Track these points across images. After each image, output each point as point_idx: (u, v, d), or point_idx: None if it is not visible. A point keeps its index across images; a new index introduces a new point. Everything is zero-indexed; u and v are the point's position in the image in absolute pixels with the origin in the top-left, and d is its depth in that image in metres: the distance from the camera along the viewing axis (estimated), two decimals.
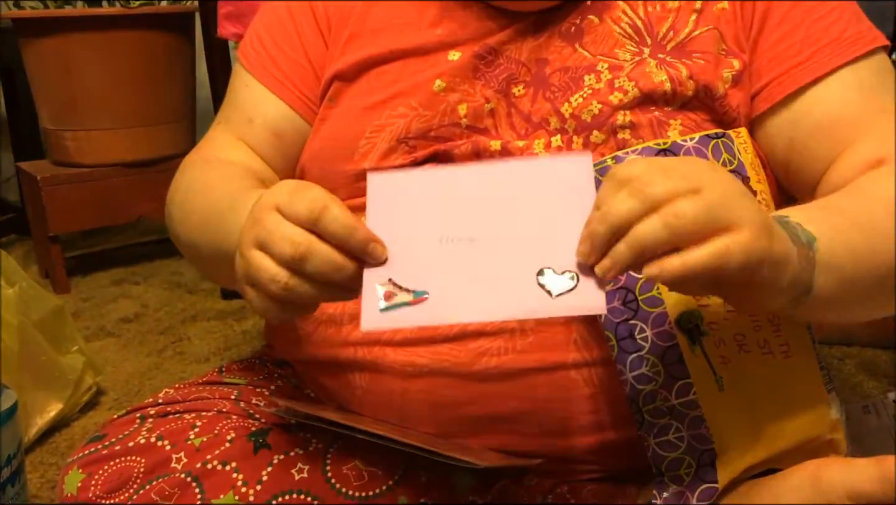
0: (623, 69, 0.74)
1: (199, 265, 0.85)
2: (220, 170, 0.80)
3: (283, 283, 0.55)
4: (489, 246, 0.56)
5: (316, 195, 0.56)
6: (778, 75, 0.75)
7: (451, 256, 0.56)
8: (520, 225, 0.56)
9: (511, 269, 0.55)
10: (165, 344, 1.54)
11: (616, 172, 0.53)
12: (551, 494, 0.73)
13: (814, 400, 0.68)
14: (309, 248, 0.54)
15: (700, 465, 0.65)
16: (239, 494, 0.70)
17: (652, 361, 0.66)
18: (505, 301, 0.55)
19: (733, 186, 0.54)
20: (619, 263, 0.52)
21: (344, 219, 0.55)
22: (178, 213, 0.80)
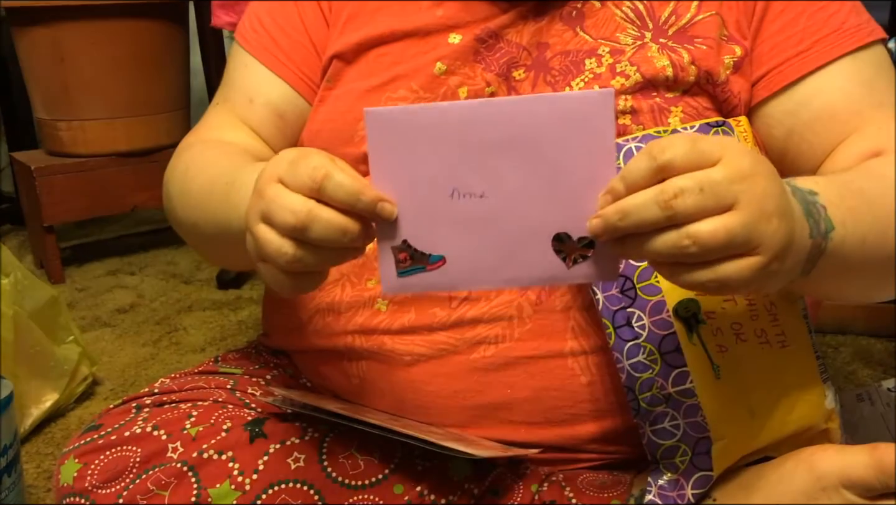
0: (625, 53, 0.74)
1: (201, 247, 0.83)
2: (218, 148, 0.79)
3: (290, 254, 0.54)
4: (501, 204, 0.53)
5: (317, 162, 0.53)
6: (778, 64, 0.75)
7: (464, 216, 0.53)
8: (533, 178, 0.52)
9: (525, 233, 0.53)
10: (161, 334, 1.54)
11: (655, 154, 0.49)
12: (547, 481, 0.73)
13: (809, 389, 0.69)
14: (309, 216, 0.52)
15: (695, 453, 0.66)
16: (235, 483, 0.70)
17: (649, 349, 0.66)
18: (521, 269, 0.54)
19: (767, 201, 0.50)
20: (629, 257, 0.52)
21: (348, 184, 0.52)
22: (176, 194, 0.79)
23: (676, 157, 0.49)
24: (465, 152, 0.52)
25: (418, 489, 0.71)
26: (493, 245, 0.54)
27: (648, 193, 0.49)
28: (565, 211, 0.53)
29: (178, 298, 1.73)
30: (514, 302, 0.71)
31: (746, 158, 0.50)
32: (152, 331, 1.56)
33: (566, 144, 0.51)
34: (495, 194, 0.53)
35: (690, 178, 0.48)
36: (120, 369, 1.40)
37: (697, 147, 0.49)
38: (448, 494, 0.71)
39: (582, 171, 0.52)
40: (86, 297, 1.76)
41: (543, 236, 0.53)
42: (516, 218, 0.53)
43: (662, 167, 0.49)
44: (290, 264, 0.54)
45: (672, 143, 0.49)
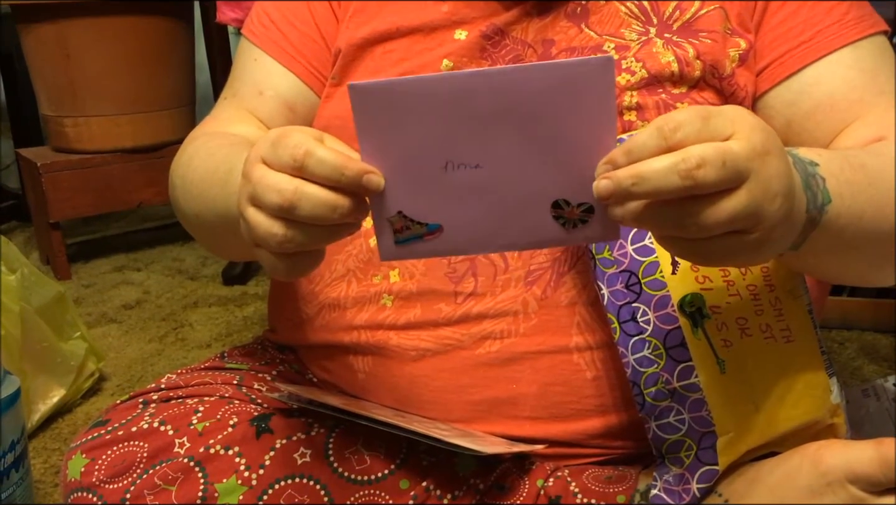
0: (630, 49, 0.74)
1: (205, 237, 0.82)
2: (221, 139, 0.79)
3: (280, 235, 0.52)
4: (498, 174, 0.51)
5: (297, 140, 0.52)
6: (780, 55, 0.75)
7: (459, 186, 0.52)
8: (530, 147, 0.50)
9: (523, 200, 0.52)
10: (167, 330, 1.55)
11: (666, 133, 0.48)
12: (552, 477, 0.73)
13: (814, 384, 0.69)
14: (296, 194, 0.51)
15: (701, 447, 0.66)
16: (241, 478, 0.70)
17: (654, 343, 0.66)
18: (519, 234, 0.53)
19: (775, 180, 0.49)
20: (634, 223, 0.50)
21: (330, 159, 0.50)
22: (180, 185, 0.79)
23: (689, 137, 0.47)
24: (457, 124, 0.50)
25: (424, 484, 0.71)
26: (490, 213, 0.52)
27: (666, 161, 0.47)
28: (564, 178, 0.51)
29: (183, 294, 1.74)
30: (519, 297, 0.71)
31: (758, 134, 0.49)
32: (158, 327, 1.57)
33: (565, 112, 0.49)
34: (491, 164, 0.51)
35: (713, 150, 0.47)
36: (126, 365, 1.40)
37: (710, 125, 0.48)
38: (453, 490, 0.72)
39: (582, 139, 0.50)
40: (92, 293, 1.77)
41: (542, 203, 0.52)
42: (514, 186, 0.51)
43: (673, 147, 0.47)
44: (281, 245, 0.52)
45: (684, 122, 0.47)
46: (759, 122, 0.50)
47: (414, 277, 0.73)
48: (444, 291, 0.72)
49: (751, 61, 0.75)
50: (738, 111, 0.50)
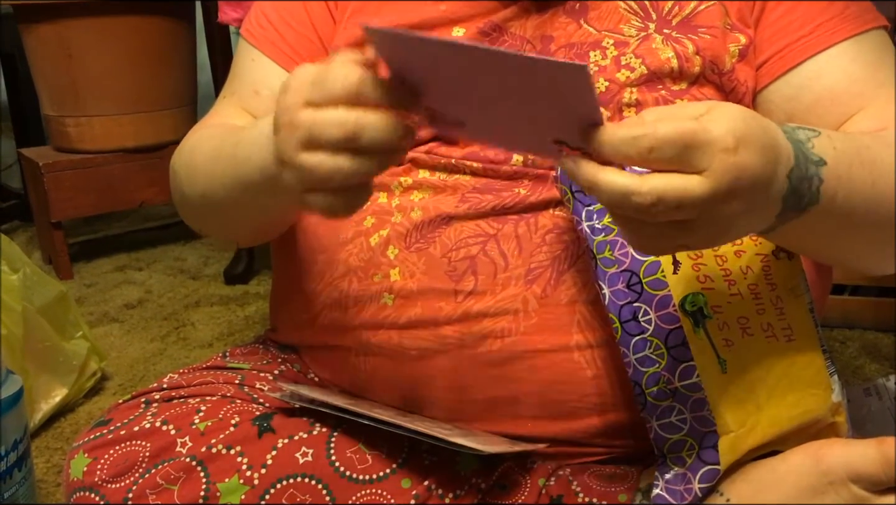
0: (629, 45, 0.74)
1: (211, 219, 0.82)
2: (223, 126, 0.80)
3: (348, 167, 0.52)
4: (493, 123, 0.55)
5: (345, 70, 0.52)
6: (779, 49, 0.75)
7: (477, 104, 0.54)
8: (511, 121, 0.53)
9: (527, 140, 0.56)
10: (169, 330, 1.55)
11: (641, 149, 0.48)
12: (554, 476, 0.73)
13: (816, 384, 0.68)
14: (359, 123, 0.51)
15: (702, 447, 0.66)
16: (244, 477, 0.70)
17: (655, 343, 0.66)
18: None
19: (726, 221, 0.51)
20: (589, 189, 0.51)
21: (381, 80, 0.52)
22: (183, 172, 0.79)
23: (661, 160, 0.48)
24: (452, 86, 0.52)
25: (426, 484, 0.72)
26: (504, 128, 0.55)
27: (625, 183, 0.48)
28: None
29: (185, 294, 1.74)
30: (519, 296, 0.71)
31: (729, 176, 0.49)
32: (160, 326, 1.57)
33: (549, 104, 0.50)
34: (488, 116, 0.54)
35: (673, 192, 0.48)
36: (128, 364, 1.40)
37: (688, 155, 0.48)
38: (455, 489, 0.72)
39: (568, 123, 0.51)
40: (94, 292, 1.77)
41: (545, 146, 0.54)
42: (509, 134, 0.55)
43: (641, 157, 0.48)
44: (348, 178, 0.53)
45: (664, 144, 0.48)
46: (737, 162, 0.49)
47: (414, 276, 0.73)
48: (444, 289, 0.72)
49: (751, 56, 0.75)
50: (722, 142, 0.49)
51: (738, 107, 0.52)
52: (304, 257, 0.81)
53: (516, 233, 0.72)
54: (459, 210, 0.73)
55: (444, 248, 0.73)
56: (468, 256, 0.72)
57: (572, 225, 0.71)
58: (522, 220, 0.72)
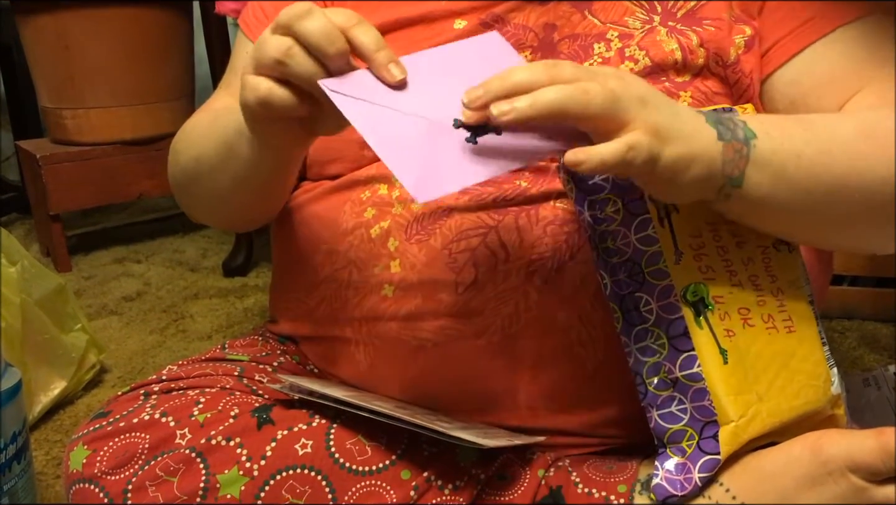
0: (633, 38, 0.74)
1: (204, 190, 0.83)
2: (221, 108, 0.81)
3: (286, 47, 0.58)
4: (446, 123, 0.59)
5: (319, 21, 0.58)
6: (780, 38, 0.75)
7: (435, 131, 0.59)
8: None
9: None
10: (168, 322, 1.55)
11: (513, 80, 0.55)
12: (553, 467, 0.73)
13: (816, 375, 0.69)
14: (302, 12, 0.58)
15: (703, 437, 0.66)
16: (243, 469, 0.70)
17: (656, 333, 0.66)
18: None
19: (643, 90, 0.58)
20: (514, 111, 0.55)
21: (348, 9, 0.60)
22: (181, 146, 0.82)
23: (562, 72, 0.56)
24: (412, 91, 0.60)
25: (425, 475, 0.72)
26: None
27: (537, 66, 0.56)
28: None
29: (184, 286, 1.74)
30: (520, 288, 0.71)
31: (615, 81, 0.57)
32: (159, 318, 1.57)
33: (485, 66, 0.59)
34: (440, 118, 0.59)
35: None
36: (127, 357, 1.40)
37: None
38: (455, 480, 0.72)
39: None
40: (92, 285, 1.77)
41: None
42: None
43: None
44: (284, 54, 0.58)
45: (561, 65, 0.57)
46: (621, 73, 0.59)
47: (415, 268, 0.73)
48: (444, 281, 0.72)
49: (756, 47, 0.75)
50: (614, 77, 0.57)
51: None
52: (303, 249, 0.81)
53: (517, 224, 0.72)
54: (460, 202, 0.73)
55: (445, 239, 0.72)
56: (469, 247, 0.72)
57: (573, 217, 0.71)
58: (523, 211, 0.72)
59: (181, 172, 0.83)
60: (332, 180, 0.80)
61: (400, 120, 0.58)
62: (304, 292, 0.81)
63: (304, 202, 0.82)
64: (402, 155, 0.57)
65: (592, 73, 0.57)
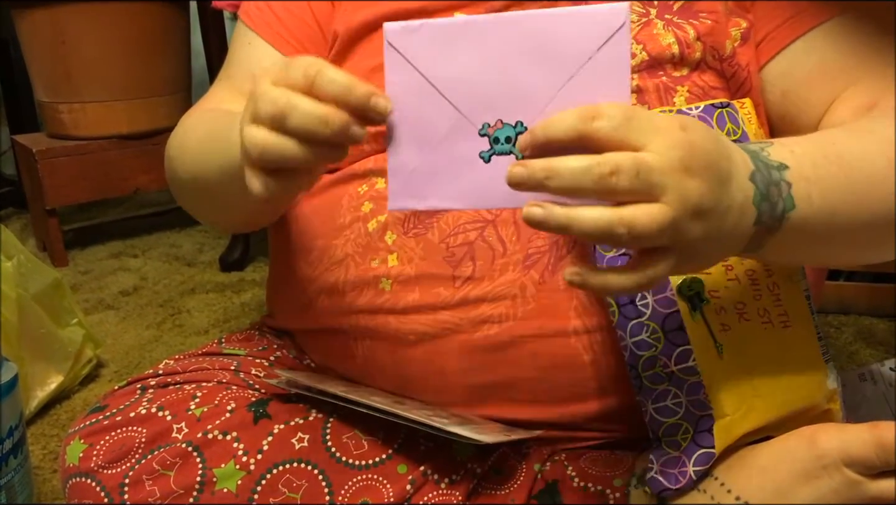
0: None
1: (202, 203, 0.82)
2: (219, 111, 0.80)
3: (261, 141, 0.53)
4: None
5: (311, 60, 0.53)
6: (772, 29, 0.75)
7: (470, 152, 0.53)
8: (547, 98, 0.51)
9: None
10: (164, 316, 1.55)
11: (585, 118, 0.49)
12: (549, 461, 0.73)
13: (811, 370, 0.69)
14: (289, 104, 0.52)
15: (697, 430, 0.66)
16: (240, 463, 0.70)
17: (652, 327, 0.66)
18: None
19: (693, 198, 0.50)
20: (557, 230, 0.50)
21: (341, 78, 0.52)
22: (177, 154, 0.79)
23: (603, 129, 0.48)
24: (478, 80, 0.52)
25: (421, 469, 0.72)
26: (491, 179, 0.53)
27: (583, 161, 0.48)
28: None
29: (181, 281, 1.74)
30: (517, 281, 0.71)
31: (677, 151, 0.49)
32: (156, 313, 1.57)
33: (582, 63, 0.51)
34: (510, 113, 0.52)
35: (628, 159, 0.48)
36: (124, 351, 1.40)
37: (630, 126, 0.48)
38: (451, 474, 0.72)
39: (596, 90, 0.51)
40: (89, 279, 1.77)
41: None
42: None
43: (588, 134, 0.48)
44: (264, 152, 0.53)
45: (605, 112, 0.48)
46: (683, 140, 0.50)
47: (412, 262, 0.73)
48: (442, 275, 0.72)
49: (752, 40, 0.75)
50: (667, 122, 0.50)
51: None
52: (301, 243, 0.81)
53: (514, 218, 0.72)
54: None
55: (442, 233, 0.73)
56: (466, 241, 0.72)
57: None
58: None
59: (178, 184, 0.82)
60: (330, 174, 0.80)
61: (433, 103, 0.53)
62: (301, 287, 0.81)
63: (301, 196, 0.82)
64: (408, 151, 0.54)
65: (652, 185, 0.48)
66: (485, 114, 0.52)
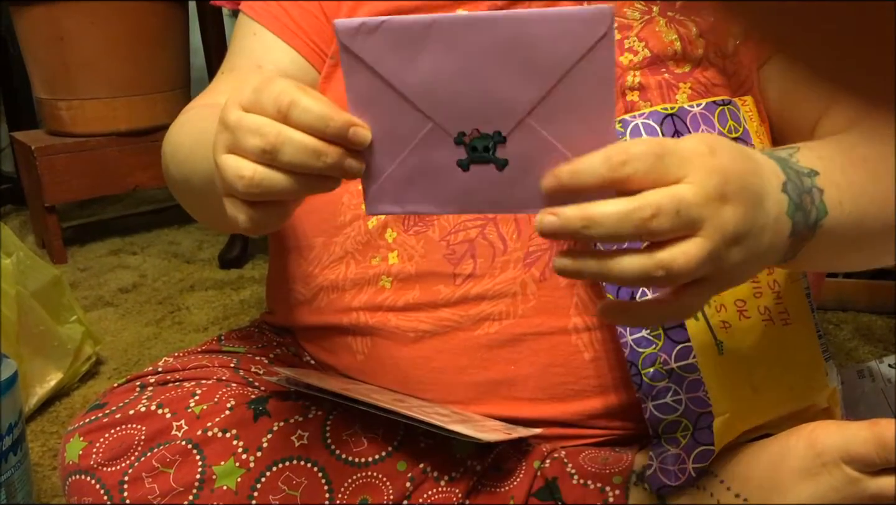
0: (633, 28, 0.74)
1: (195, 205, 0.80)
2: (213, 108, 0.79)
3: (248, 174, 0.49)
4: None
5: (282, 87, 0.49)
6: None
7: (442, 156, 0.49)
8: (525, 102, 0.47)
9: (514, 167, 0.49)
10: (164, 314, 1.55)
11: (614, 164, 0.46)
12: (549, 458, 0.73)
13: (811, 368, 0.69)
14: (279, 137, 0.48)
15: (697, 427, 0.66)
16: (239, 460, 0.70)
17: None
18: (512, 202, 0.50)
19: (731, 226, 0.48)
20: (580, 267, 0.49)
21: (316, 108, 0.48)
22: (170, 151, 0.78)
23: (638, 173, 0.46)
24: (444, 82, 0.47)
25: (421, 466, 0.72)
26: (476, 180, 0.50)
27: (621, 206, 0.46)
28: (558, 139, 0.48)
29: (180, 278, 1.74)
30: (518, 279, 0.71)
31: (714, 178, 0.47)
32: (155, 310, 1.57)
33: (563, 64, 0.46)
34: (481, 120, 0.48)
35: (667, 198, 0.46)
36: (123, 349, 1.40)
37: (663, 163, 0.47)
38: (450, 471, 0.72)
39: (580, 96, 0.47)
40: (88, 276, 1.77)
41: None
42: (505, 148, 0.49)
43: (621, 180, 0.46)
44: (253, 186, 0.50)
45: (634, 156, 0.46)
46: (716, 166, 0.48)
47: (413, 259, 0.73)
48: (442, 272, 0.72)
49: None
50: (696, 149, 0.49)
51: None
52: (301, 240, 0.81)
53: (515, 216, 0.72)
54: None
55: (443, 231, 0.72)
56: (467, 239, 0.72)
57: None
58: None
59: (171, 182, 0.81)
60: None
61: (402, 110, 0.49)
62: (301, 283, 0.81)
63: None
64: (381, 155, 0.50)
65: (692, 221, 0.46)
66: (459, 122, 0.48)
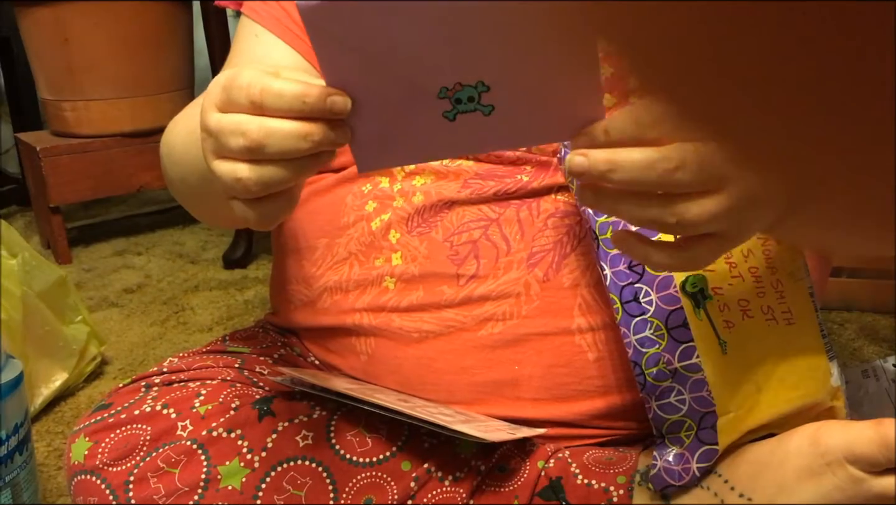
0: None
1: (193, 204, 0.80)
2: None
3: (245, 178, 0.49)
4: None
5: (250, 78, 0.48)
6: None
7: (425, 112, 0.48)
8: (504, 81, 0.46)
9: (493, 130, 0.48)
10: (168, 314, 1.55)
11: (643, 126, 0.47)
12: (553, 458, 0.73)
13: (815, 367, 0.69)
14: (261, 131, 0.47)
15: (701, 427, 0.66)
16: (244, 460, 0.70)
17: (656, 324, 0.66)
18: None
19: (756, 187, 0.48)
20: (595, 205, 0.50)
21: (289, 89, 0.47)
22: (166, 152, 0.78)
23: (667, 135, 0.47)
24: (422, 51, 0.46)
25: (425, 466, 0.72)
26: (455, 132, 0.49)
27: (646, 155, 0.47)
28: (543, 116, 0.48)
29: (184, 278, 1.74)
30: (521, 279, 0.71)
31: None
32: (160, 311, 1.57)
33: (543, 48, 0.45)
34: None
35: (693, 153, 0.47)
36: (128, 349, 1.41)
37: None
38: (455, 471, 0.72)
39: (563, 77, 0.46)
40: (93, 277, 1.77)
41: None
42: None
43: (648, 143, 0.47)
44: (250, 190, 0.49)
45: (663, 118, 0.47)
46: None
47: (416, 260, 0.73)
48: (446, 273, 0.72)
49: None
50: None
51: None
52: (304, 241, 0.81)
53: (518, 217, 0.72)
54: (461, 195, 0.73)
55: (447, 232, 0.73)
56: (470, 239, 0.72)
57: (574, 209, 0.71)
58: (524, 204, 0.72)
59: (169, 182, 0.81)
60: (335, 173, 0.80)
61: (379, 78, 0.47)
62: (304, 284, 0.82)
63: (305, 195, 0.82)
64: (365, 120, 0.49)
65: (715, 178, 0.47)
66: (440, 78, 0.47)
